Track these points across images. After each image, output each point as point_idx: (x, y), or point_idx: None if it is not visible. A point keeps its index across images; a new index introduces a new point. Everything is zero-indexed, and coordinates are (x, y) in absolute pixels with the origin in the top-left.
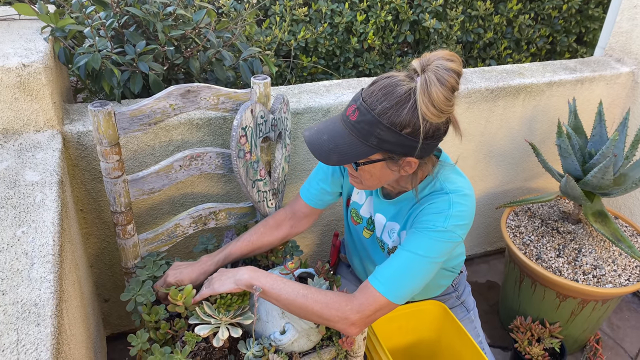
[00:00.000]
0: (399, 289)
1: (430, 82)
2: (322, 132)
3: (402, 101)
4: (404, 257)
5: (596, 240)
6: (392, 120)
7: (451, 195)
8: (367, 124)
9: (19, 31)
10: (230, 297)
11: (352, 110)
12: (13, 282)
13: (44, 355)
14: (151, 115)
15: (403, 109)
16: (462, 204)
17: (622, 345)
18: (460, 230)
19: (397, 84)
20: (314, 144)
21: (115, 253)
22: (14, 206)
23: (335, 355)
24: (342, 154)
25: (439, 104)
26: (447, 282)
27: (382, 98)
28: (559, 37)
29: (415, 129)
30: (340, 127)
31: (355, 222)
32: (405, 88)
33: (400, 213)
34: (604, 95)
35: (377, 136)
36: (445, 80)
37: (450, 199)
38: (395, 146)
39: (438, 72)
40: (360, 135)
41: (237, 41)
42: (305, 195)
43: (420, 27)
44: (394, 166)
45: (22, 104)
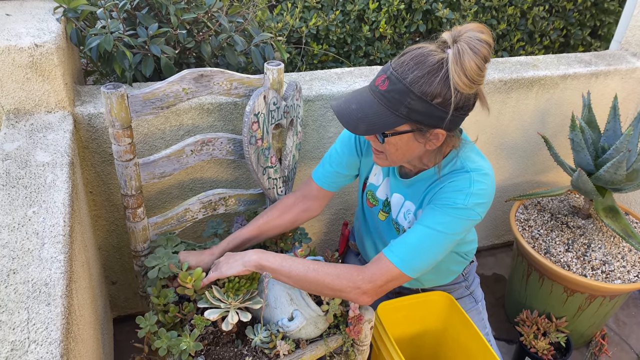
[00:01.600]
0: (412, 262)
1: (463, 52)
2: (351, 102)
3: (434, 70)
4: (420, 231)
5: (606, 235)
6: (424, 89)
7: (472, 173)
8: (397, 93)
9: (31, 11)
10: (238, 280)
11: (381, 80)
12: (24, 261)
13: (54, 334)
14: (164, 98)
15: (435, 78)
16: (483, 182)
17: (627, 342)
18: (480, 209)
19: (429, 54)
20: (343, 112)
21: (123, 236)
22: (25, 186)
23: (342, 344)
24: (371, 123)
25: (471, 74)
26: (458, 268)
27: (413, 67)
28: (573, 30)
29: (446, 100)
30: (369, 96)
31: (370, 205)
32: (437, 57)
33: (416, 192)
34: (619, 89)
35: (407, 106)
36: (478, 50)
37: (471, 177)
38: (425, 116)
39: (470, 42)
40: (389, 105)
41: (249, 26)
42: (318, 177)
43: (433, 16)
44: (421, 138)
45: (34, 84)
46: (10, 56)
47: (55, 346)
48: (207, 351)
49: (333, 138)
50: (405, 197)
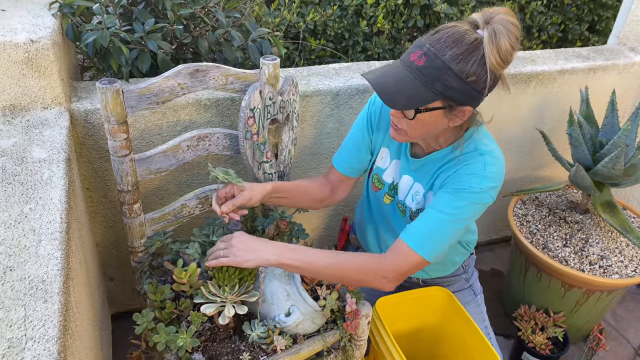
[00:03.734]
0: (431, 247)
1: (499, 33)
2: (387, 76)
3: (471, 49)
4: (436, 217)
5: (604, 230)
6: (461, 67)
7: (485, 156)
8: (435, 69)
9: (27, 6)
10: (226, 269)
11: (417, 55)
12: (20, 258)
13: (52, 331)
14: (159, 94)
15: (471, 57)
16: (495, 165)
17: (625, 336)
18: (493, 192)
19: (465, 33)
20: (380, 86)
21: (120, 232)
22: (22, 183)
23: (340, 339)
24: (408, 97)
25: (505, 54)
26: (460, 259)
27: (451, 44)
28: (571, 25)
29: (479, 78)
30: (404, 71)
31: (376, 188)
32: (473, 37)
33: (426, 174)
34: (617, 84)
35: (444, 82)
36: (511, 32)
37: (485, 160)
38: (459, 94)
39: (504, 23)
40: (426, 81)
41: (246, 22)
42: (338, 163)
43: (431, 11)
44: (449, 114)
45: (30, 80)
46: (6, 52)
47: (53, 343)
48: (204, 347)
49: (331, 133)
50: (415, 178)
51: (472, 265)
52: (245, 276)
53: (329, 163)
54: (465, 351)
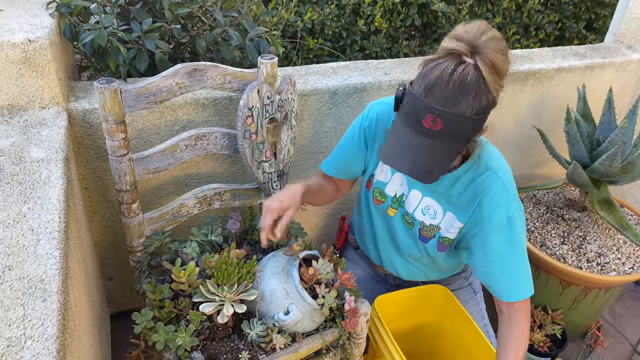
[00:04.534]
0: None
1: (494, 61)
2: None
3: (478, 89)
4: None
5: (601, 228)
6: (477, 109)
7: (498, 173)
8: (456, 125)
9: (24, 6)
10: (226, 267)
11: (431, 120)
12: (19, 257)
13: (50, 330)
14: (157, 93)
15: (482, 95)
16: (508, 175)
17: (623, 333)
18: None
19: (464, 76)
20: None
21: (119, 232)
22: (20, 182)
23: (338, 337)
24: (440, 163)
25: (504, 73)
26: (460, 262)
27: (459, 95)
28: (568, 23)
29: (492, 104)
30: (426, 142)
31: (378, 202)
32: (472, 76)
33: (437, 192)
34: (614, 82)
35: (470, 129)
36: (502, 51)
37: (501, 180)
38: (481, 126)
39: (491, 46)
40: (451, 139)
41: (244, 21)
42: (328, 169)
43: (429, 10)
44: (468, 146)
45: (28, 80)
46: (3, 52)
47: (52, 342)
48: (203, 346)
49: (329, 132)
50: (424, 194)
51: None
52: (244, 275)
53: None
54: (463, 349)
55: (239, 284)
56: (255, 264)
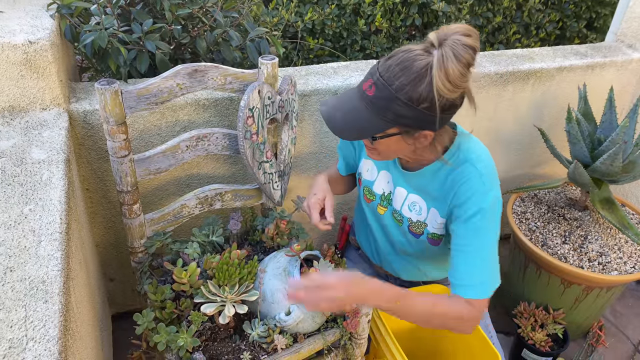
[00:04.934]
0: (490, 283)
1: (447, 58)
2: (339, 109)
3: (420, 76)
4: (472, 254)
5: (602, 227)
6: (410, 95)
7: (477, 165)
8: (384, 99)
9: (25, 7)
10: (227, 268)
11: (368, 85)
12: (20, 259)
13: (52, 331)
14: (158, 94)
15: (420, 85)
16: (488, 168)
17: (624, 332)
18: (498, 193)
19: (415, 59)
20: (332, 120)
21: (120, 233)
22: (21, 184)
23: (340, 337)
24: (360, 129)
25: (454, 80)
26: None
27: (399, 73)
28: (569, 23)
29: (432, 104)
30: (356, 102)
31: (368, 200)
32: (422, 63)
33: (420, 187)
34: (615, 81)
35: (394, 111)
36: (462, 56)
37: (479, 172)
38: (412, 120)
39: (455, 47)
40: (377, 111)
41: (244, 21)
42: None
43: (429, 10)
44: (409, 139)
45: (29, 81)
46: (4, 53)
47: (53, 343)
48: (205, 347)
49: (330, 132)
50: (409, 190)
51: None
52: (245, 276)
53: (329, 162)
54: (466, 349)
55: (240, 284)
56: (257, 265)
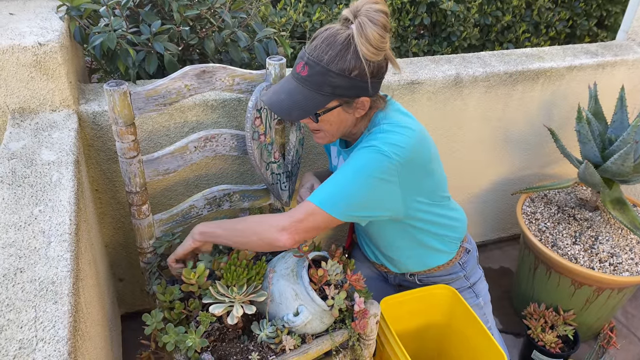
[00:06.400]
0: (329, 197)
1: (364, 25)
2: (279, 92)
3: (345, 47)
4: (335, 173)
5: (613, 228)
6: (340, 66)
7: (383, 125)
8: (318, 75)
9: (35, 9)
10: (235, 268)
11: (301, 66)
12: (30, 260)
13: (62, 332)
14: (166, 95)
15: (347, 54)
16: (393, 132)
17: (636, 334)
18: (389, 147)
19: (337, 34)
20: (275, 104)
21: (129, 233)
22: (31, 185)
23: (348, 338)
24: (302, 108)
25: (375, 43)
26: (442, 246)
27: (326, 48)
28: (579, 21)
29: (362, 70)
30: (294, 84)
31: None
32: (344, 35)
33: None
34: (626, 80)
35: (330, 84)
36: (377, 20)
37: (382, 128)
38: (348, 90)
39: (369, 14)
40: (314, 87)
41: (252, 22)
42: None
43: (438, 9)
44: (349, 109)
45: (38, 83)
46: (14, 55)
47: (63, 344)
48: (213, 347)
49: None
50: None
51: (471, 262)
52: (253, 276)
53: None
54: (470, 349)
55: (249, 285)
56: (265, 265)
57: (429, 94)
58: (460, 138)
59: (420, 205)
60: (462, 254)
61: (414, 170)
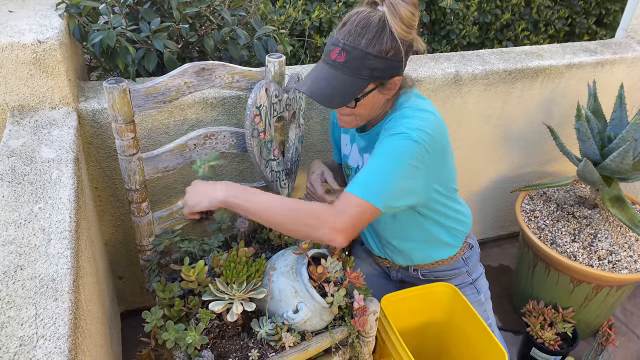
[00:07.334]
0: (373, 189)
1: (396, 4)
2: (318, 80)
3: (380, 28)
4: (370, 163)
5: (612, 225)
6: (378, 48)
7: (405, 110)
8: (356, 59)
9: (34, 7)
10: (235, 265)
11: (336, 53)
12: (31, 257)
13: (62, 329)
14: (166, 92)
15: (383, 35)
16: (415, 116)
17: (635, 332)
18: (416, 133)
19: (369, 16)
20: (315, 93)
21: (129, 231)
22: (31, 182)
23: (347, 335)
24: (343, 94)
25: (408, 21)
26: (449, 239)
27: (362, 32)
28: (578, 19)
29: (397, 50)
30: (331, 71)
31: (347, 177)
32: (377, 17)
33: (370, 144)
34: (625, 78)
35: (368, 67)
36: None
37: (403, 113)
38: (384, 71)
39: None
40: (353, 72)
41: (252, 19)
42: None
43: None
44: (384, 90)
45: (38, 80)
46: (14, 53)
47: (63, 341)
48: (213, 344)
49: None
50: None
51: (474, 258)
52: (253, 273)
53: None
54: (471, 346)
55: (248, 282)
56: (264, 263)
57: (429, 91)
58: (459, 136)
59: (436, 194)
60: (465, 250)
61: (436, 156)
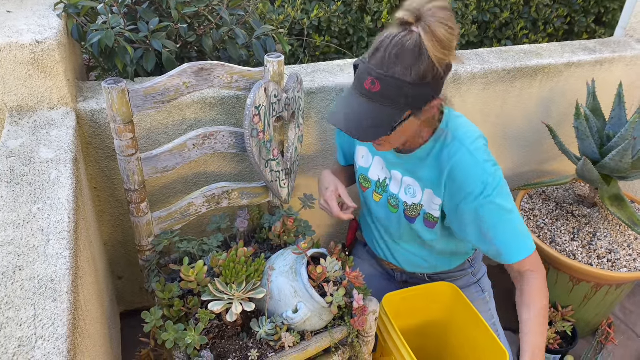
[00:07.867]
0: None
1: (433, 27)
2: (351, 113)
3: (416, 54)
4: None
5: (612, 224)
6: (414, 75)
7: (465, 144)
8: (393, 88)
9: (32, 7)
10: (234, 265)
11: (370, 82)
12: (29, 257)
13: (61, 330)
14: (165, 93)
15: (419, 62)
16: (476, 143)
17: (634, 330)
18: (493, 162)
19: (403, 42)
20: (351, 128)
21: (128, 231)
22: (30, 183)
23: (347, 335)
24: (379, 126)
25: (447, 44)
26: (467, 249)
27: (396, 59)
28: (577, 18)
29: (435, 74)
30: (363, 102)
31: (364, 188)
32: (412, 42)
33: (415, 169)
34: (624, 76)
35: (405, 95)
36: (444, 19)
37: (468, 150)
38: (422, 97)
39: (435, 14)
40: (389, 102)
41: (250, 19)
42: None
43: None
44: (420, 114)
45: (36, 81)
46: (12, 53)
47: (62, 342)
48: (212, 344)
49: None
50: (403, 173)
51: (479, 259)
52: (252, 273)
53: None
54: (472, 346)
55: (248, 282)
56: (264, 263)
57: None
58: None
59: None
60: (473, 253)
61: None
